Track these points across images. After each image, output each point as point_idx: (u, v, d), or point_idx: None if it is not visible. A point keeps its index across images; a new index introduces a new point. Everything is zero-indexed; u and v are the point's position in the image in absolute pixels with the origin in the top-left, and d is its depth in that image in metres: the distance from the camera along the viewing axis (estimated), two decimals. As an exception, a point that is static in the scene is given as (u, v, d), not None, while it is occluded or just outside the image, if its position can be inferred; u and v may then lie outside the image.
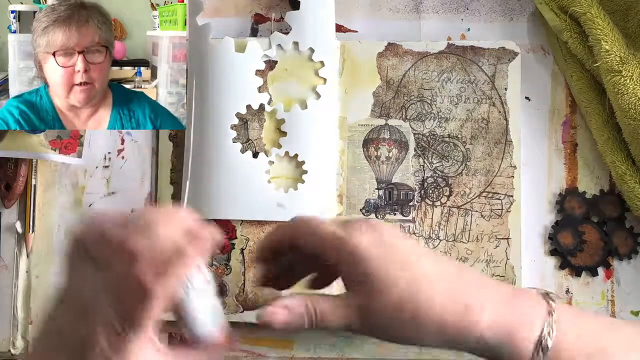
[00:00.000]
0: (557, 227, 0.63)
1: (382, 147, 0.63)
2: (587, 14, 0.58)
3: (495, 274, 0.61)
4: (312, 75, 0.63)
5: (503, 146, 0.63)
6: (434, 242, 0.62)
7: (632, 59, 0.57)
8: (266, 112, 0.63)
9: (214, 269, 0.63)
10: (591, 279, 0.62)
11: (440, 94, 0.63)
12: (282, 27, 0.65)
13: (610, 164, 0.60)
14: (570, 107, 0.64)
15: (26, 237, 0.65)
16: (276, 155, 0.63)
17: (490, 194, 0.62)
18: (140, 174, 0.66)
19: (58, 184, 0.66)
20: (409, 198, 0.63)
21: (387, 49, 0.64)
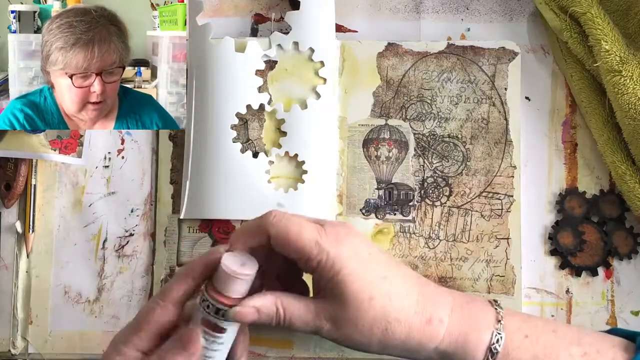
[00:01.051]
0: (557, 227, 0.63)
1: (382, 147, 0.63)
2: (587, 14, 0.58)
3: (495, 274, 0.61)
4: (312, 75, 0.63)
5: (503, 146, 0.63)
6: (433, 242, 0.62)
7: (632, 59, 0.57)
8: (266, 112, 0.63)
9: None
10: (591, 279, 0.62)
11: (440, 94, 0.63)
12: (282, 27, 0.65)
13: (610, 164, 0.60)
14: (570, 107, 0.64)
15: (26, 237, 0.65)
16: (276, 155, 0.63)
17: (490, 194, 0.62)
18: (140, 174, 0.66)
19: (58, 184, 0.66)
20: (409, 198, 0.63)
21: (387, 49, 0.64)
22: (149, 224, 0.65)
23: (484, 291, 0.61)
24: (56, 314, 0.64)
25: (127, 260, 0.65)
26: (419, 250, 0.62)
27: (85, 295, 0.65)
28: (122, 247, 0.65)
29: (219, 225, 0.63)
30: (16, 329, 0.64)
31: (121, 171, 0.66)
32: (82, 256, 0.65)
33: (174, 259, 0.63)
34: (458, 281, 0.62)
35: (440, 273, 0.62)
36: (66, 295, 0.65)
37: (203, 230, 0.63)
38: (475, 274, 0.62)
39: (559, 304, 0.62)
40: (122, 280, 0.65)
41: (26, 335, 0.64)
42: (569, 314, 0.62)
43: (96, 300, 0.64)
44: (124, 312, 0.64)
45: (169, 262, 0.63)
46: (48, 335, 0.64)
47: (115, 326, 0.64)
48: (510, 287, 0.61)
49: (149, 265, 0.64)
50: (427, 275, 0.62)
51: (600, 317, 0.62)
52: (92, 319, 0.64)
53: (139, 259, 0.65)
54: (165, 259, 0.63)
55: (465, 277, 0.62)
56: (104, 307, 0.64)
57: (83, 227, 0.65)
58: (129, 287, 0.64)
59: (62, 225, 0.65)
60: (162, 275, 0.63)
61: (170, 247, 0.63)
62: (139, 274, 0.65)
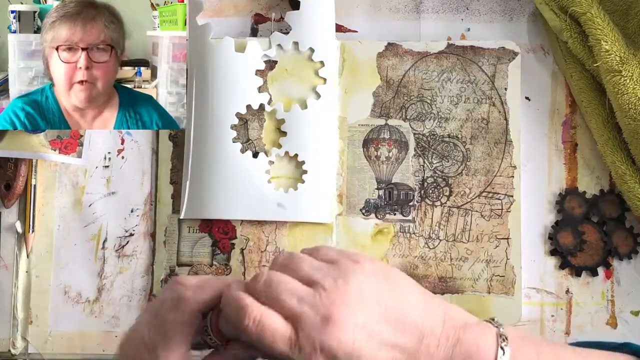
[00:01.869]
0: (557, 227, 0.63)
1: (382, 147, 0.63)
2: (587, 14, 0.58)
3: (495, 274, 0.61)
4: (312, 75, 0.63)
5: (503, 146, 0.63)
6: (433, 242, 0.62)
7: (632, 59, 0.57)
8: (266, 112, 0.63)
9: (214, 269, 0.63)
10: (591, 279, 0.62)
11: (440, 94, 0.63)
12: (282, 27, 0.65)
13: (610, 164, 0.60)
14: (570, 107, 0.64)
15: (26, 237, 0.65)
16: (276, 155, 0.63)
17: (490, 194, 0.62)
18: (140, 174, 0.66)
19: (58, 184, 0.66)
20: (409, 198, 0.63)
21: (387, 49, 0.64)
22: (149, 224, 0.65)
23: (484, 291, 0.61)
24: (56, 314, 0.64)
25: (127, 260, 0.65)
26: (419, 250, 0.62)
27: (85, 295, 0.65)
28: (122, 247, 0.65)
29: (219, 225, 0.63)
30: (16, 329, 0.64)
31: (121, 171, 0.66)
32: (82, 256, 0.65)
33: (174, 259, 0.63)
34: (458, 281, 0.62)
35: (440, 273, 0.62)
36: (66, 295, 0.65)
37: (203, 230, 0.63)
38: (475, 274, 0.62)
39: (559, 304, 0.62)
40: (122, 280, 0.65)
41: (26, 335, 0.64)
42: (569, 314, 0.62)
43: (96, 300, 0.64)
44: (124, 312, 0.64)
45: (169, 262, 0.63)
46: (48, 335, 0.64)
47: (115, 326, 0.64)
48: (510, 287, 0.61)
49: (149, 265, 0.64)
50: (427, 275, 0.62)
51: (600, 317, 0.62)
52: (92, 319, 0.64)
53: (139, 259, 0.65)
54: (165, 259, 0.63)
55: (465, 277, 0.62)
56: (104, 307, 0.64)
57: (83, 227, 0.65)
58: (129, 287, 0.64)
59: (62, 225, 0.65)
60: (162, 275, 0.63)
61: (170, 247, 0.63)
62: (139, 274, 0.65)
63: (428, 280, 0.62)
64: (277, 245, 0.62)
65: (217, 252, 0.63)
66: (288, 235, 0.62)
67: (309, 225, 0.62)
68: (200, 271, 0.63)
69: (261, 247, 0.63)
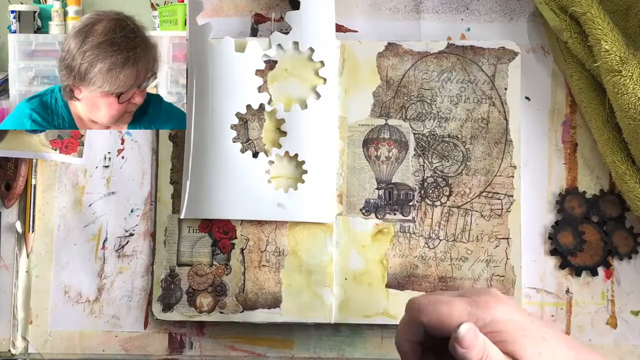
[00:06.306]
0: (557, 227, 0.63)
1: (382, 147, 0.63)
2: (587, 14, 0.58)
3: (495, 273, 0.61)
4: (312, 75, 0.63)
5: (503, 146, 0.63)
6: (433, 242, 0.62)
7: (632, 59, 0.57)
8: (266, 112, 0.63)
9: (214, 269, 0.63)
10: (591, 279, 0.62)
11: (440, 94, 0.63)
12: (282, 27, 0.65)
13: (610, 164, 0.60)
14: (570, 107, 0.64)
15: (26, 237, 0.65)
16: (276, 155, 0.63)
17: (490, 193, 0.62)
18: (140, 174, 0.66)
19: (58, 184, 0.66)
20: (409, 198, 0.63)
21: (387, 49, 0.64)
22: (149, 224, 0.65)
23: (484, 291, 0.61)
24: (56, 314, 0.64)
25: (127, 260, 0.65)
26: (419, 250, 0.62)
27: (85, 295, 0.65)
28: (122, 247, 0.65)
29: (219, 225, 0.63)
30: (16, 329, 0.64)
31: (121, 171, 0.66)
32: (82, 256, 0.65)
33: (174, 259, 0.63)
34: (458, 281, 0.62)
35: (440, 273, 0.62)
36: (66, 295, 0.65)
37: (203, 230, 0.63)
38: (475, 274, 0.62)
39: (559, 303, 0.62)
40: (122, 280, 0.65)
41: (26, 335, 0.64)
42: (569, 314, 0.62)
43: (96, 300, 0.64)
44: (124, 312, 0.64)
45: (169, 262, 0.63)
46: (48, 335, 0.64)
47: (115, 326, 0.64)
48: (510, 287, 0.61)
49: (149, 265, 0.64)
50: (427, 275, 0.62)
51: (600, 317, 0.62)
52: (92, 318, 0.64)
53: (139, 259, 0.65)
54: (165, 259, 0.63)
55: (465, 277, 0.62)
56: (104, 307, 0.64)
57: (83, 227, 0.65)
58: (129, 287, 0.64)
59: (62, 225, 0.65)
60: (162, 275, 0.63)
61: (170, 247, 0.63)
62: (139, 274, 0.65)
63: (428, 280, 0.62)
64: (277, 245, 0.62)
65: (217, 252, 0.63)
66: (288, 235, 0.62)
67: (309, 225, 0.62)
68: (200, 271, 0.63)
69: (261, 247, 0.63)
